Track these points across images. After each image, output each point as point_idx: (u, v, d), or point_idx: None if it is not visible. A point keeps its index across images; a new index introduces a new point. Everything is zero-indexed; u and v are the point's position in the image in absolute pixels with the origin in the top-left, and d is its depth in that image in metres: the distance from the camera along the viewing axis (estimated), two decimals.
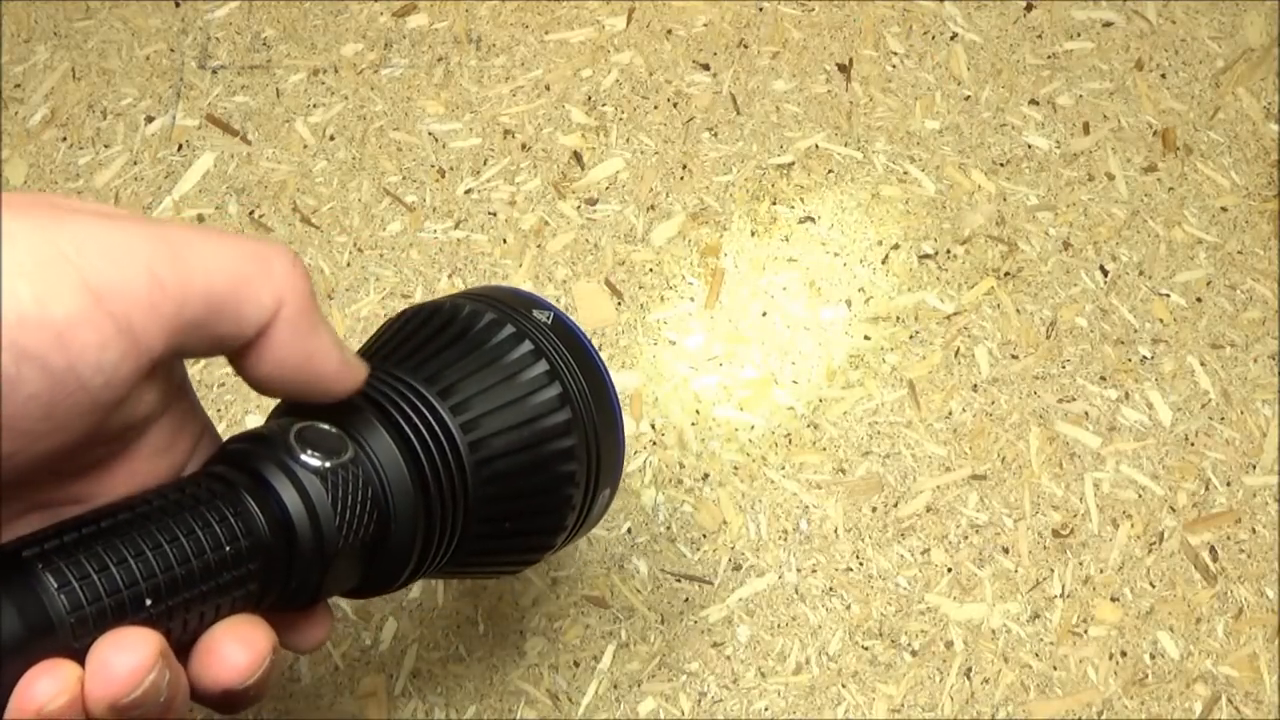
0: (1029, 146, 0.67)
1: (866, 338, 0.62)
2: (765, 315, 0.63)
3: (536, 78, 0.69)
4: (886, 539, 0.58)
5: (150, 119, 0.68)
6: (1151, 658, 0.56)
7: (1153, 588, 0.57)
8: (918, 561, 0.57)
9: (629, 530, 0.58)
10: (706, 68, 0.70)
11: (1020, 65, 0.70)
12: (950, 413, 0.60)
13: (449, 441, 0.36)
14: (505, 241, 0.65)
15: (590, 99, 0.69)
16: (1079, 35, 0.71)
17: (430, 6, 0.71)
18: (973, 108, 0.69)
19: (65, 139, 0.68)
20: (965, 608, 0.56)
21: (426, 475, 0.35)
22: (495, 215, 0.65)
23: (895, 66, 0.70)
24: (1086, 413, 0.60)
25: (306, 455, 0.32)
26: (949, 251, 0.64)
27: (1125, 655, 0.56)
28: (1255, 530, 0.58)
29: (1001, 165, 0.67)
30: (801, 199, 0.66)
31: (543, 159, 0.67)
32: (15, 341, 0.25)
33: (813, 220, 0.65)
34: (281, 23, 0.71)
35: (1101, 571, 0.57)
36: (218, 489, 0.31)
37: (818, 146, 0.67)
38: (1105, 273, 0.64)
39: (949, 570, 0.57)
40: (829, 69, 0.69)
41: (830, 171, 0.67)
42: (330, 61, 0.70)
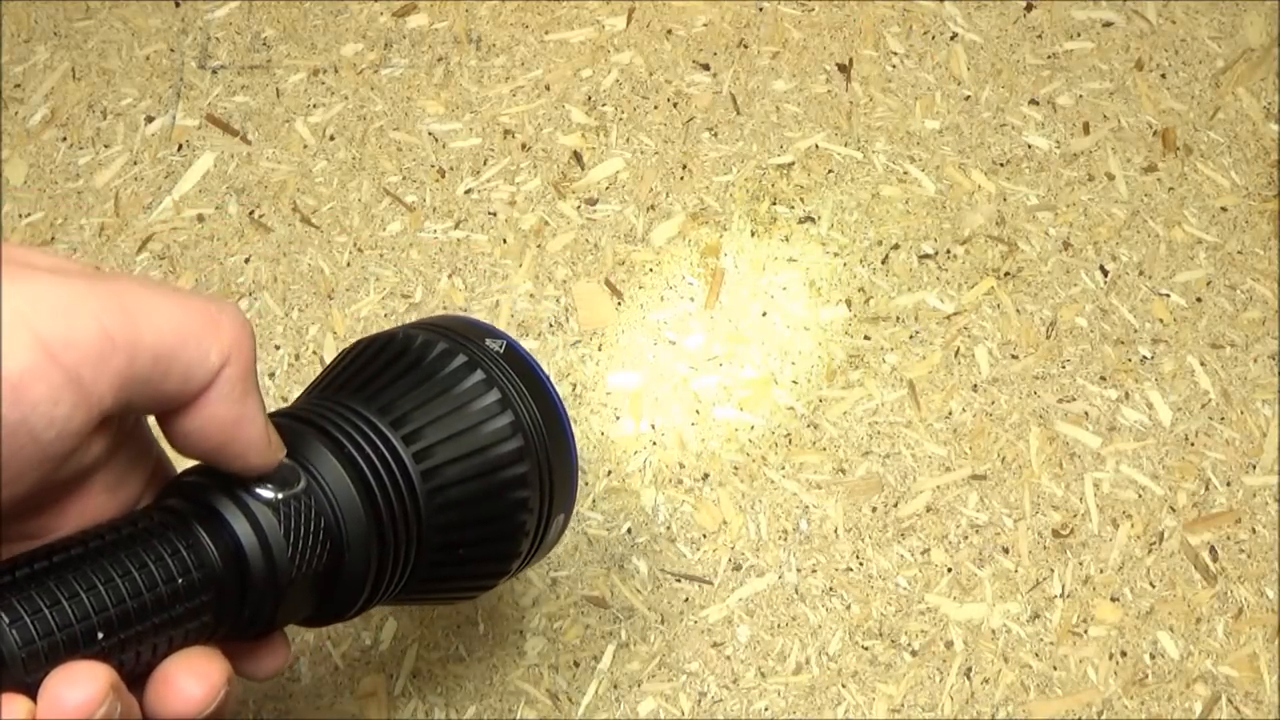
0: (1029, 146, 0.67)
1: (866, 338, 0.62)
2: (765, 315, 0.63)
3: (536, 78, 0.69)
4: (886, 539, 0.58)
5: (150, 119, 0.68)
6: (1151, 658, 0.56)
7: (1153, 588, 0.57)
8: (918, 561, 0.57)
9: (629, 530, 0.58)
10: (706, 68, 0.70)
11: (1020, 65, 0.70)
12: (950, 413, 0.60)
13: (401, 471, 0.36)
14: (505, 241, 0.65)
15: (590, 99, 0.69)
16: (1079, 35, 0.71)
17: (430, 6, 0.71)
18: (973, 108, 0.69)
19: (65, 139, 0.68)
20: (965, 608, 0.56)
21: (379, 504, 0.35)
22: (495, 215, 0.65)
23: (895, 66, 0.70)
24: (1086, 413, 0.60)
25: (258, 487, 0.32)
26: (949, 251, 0.64)
27: (1125, 655, 0.56)
28: (1255, 530, 0.58)
29: (1001, 165, 0.67)
30: (801, 199, 0.66)
31: (543, 159, 0.67)
32: None
33: (813, 220, 0.65)
34: (281, 23, 0.71)
35: (1101, 571, 0.57)
36: (170, 521, 0.31)
37: (818, 146, 0.67)
38: (1105, 273, 0.64)
39: (949, 570, 0.57)
40: (829, 69, 0.69)
41: (830, 171, 0.67)
42: (330, 61, 0.70)
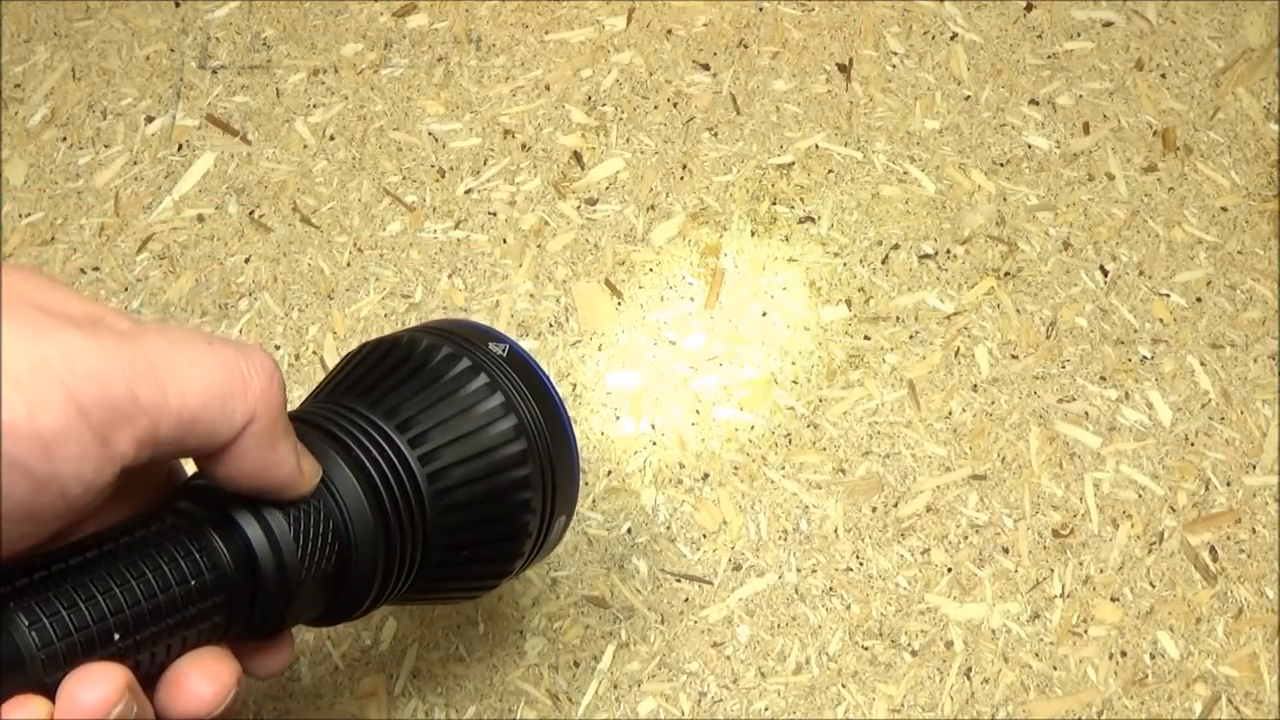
0: (1029, 146, 0.67)
1: (866, 338, 0.62)
2: (765, 315, 0.63)
3: (536, 78, 0.69)
4: (886, 539, 0.58)
5: (150, 119, 0.68)
6: (1151, 658, 0.56)
7: (1153, 588, 0.57)
8: (918, 561, 0.57)
9: (629, 530, 0.58)
10: (706, 68, 0.70)
11: (1020, 65, 0.70)
12: (950, 413, 0.60)
13: (408, 473, 0.37)
14: (505, 241, 0.65)
15: (590, 99, 0.69)
16: (1079, 35, 0.71)
17: (430, 6, 0.71)
18: (973, 108, 0.69)
19: (65, 139, 0.68)
20: (965, 608, 0.56)
21: (386, 506, 0.36)
22: (495, 215, 0.65)
23: (895, 66, 0.70)
24: (1086, 413, 0.60)
25: None
26: (949, 251, 0.64)
27: (1125, 655, 0.56)
28: (1255, 530, 0.58)
29: (1001, 165, 0.67)
30: (801, 199, 0.66)
31: (543, 159, 0.67)
32: (6, 451, 0.26)
33: (813, 220, 0.65)
34: (281, 23, 0.71)
35: (1101, 571, 0.57)
36: (182, 524, 0.32)
37: (818, 146, 0.67)
38: (1105, 273, 0.64)
39: (949, 570, 0.57)
40: (829, 69, 0.69)
41: (830, 171, 0.67)
42: (330, 61, 0.70)
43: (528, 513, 0.40)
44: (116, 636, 0.29)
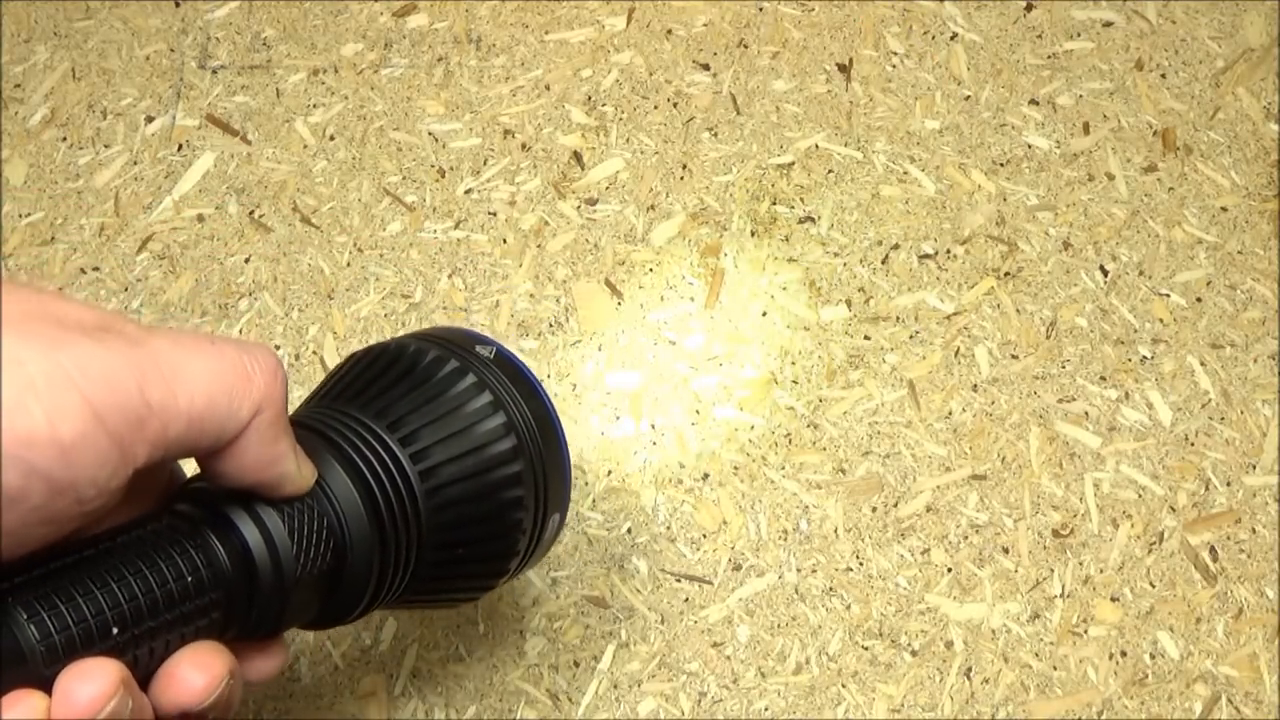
0: (1029, 146, 0.67)
1: (866, 338, 0.62)
2: (765, 315, 0.63)
3: (536, 78, 0.69)
4: (886, 539, 0.58)
5: (150, 119, 0.68)
6: (1151, 658, 0.56)
7: (1153, 588, 0.57)
8: (918, 561, 0.57)
9: (629, 530, 0.58)
10: (706, 68, 0.70)
11: (1020, 65, 0.70)
12: (950, 413, 0.60)
13: (400, 472, 0.37)
14: (505, 241, 0.65)
15: (590, 99, 0.69)
16: (1079, 35, 0.71)
17: (430, 6, 0.71)
18: (973, 108, 0.69)
19: (65, 139, 0.68)
20: (965, 608, 0.56)
21: (380, 505, 0.36)
22: (495, 215, 0.65)
23: (895, 66, 0.70)
24: (1086, 413, 0.60)
25: None
26: (949, 251, 0.64)
27: (1125, 655, 0.56)
28: (1255, 530, 0.58)
29: (1001, 165, 0.67)
30: (801, 199, 0.66)
31: (543, 159, 0.67)
32: (28, 460, 0.27)
33: (813, 220, 0.65)
34: (281, 23, 0.71)
35: (1101, 571, 0.57)
36: (178, 524, 0.32)
37: (818, 146, 0.67)
38: (1105, 273, 0.64)
39: (949, 570, 0.57)
40: (829, 69, 0.69)
41: (830, 171, 0.67)
42: (330, 61, 0.70)
43: (520, 509, 0.41)
44: (115, 631, 0.29)
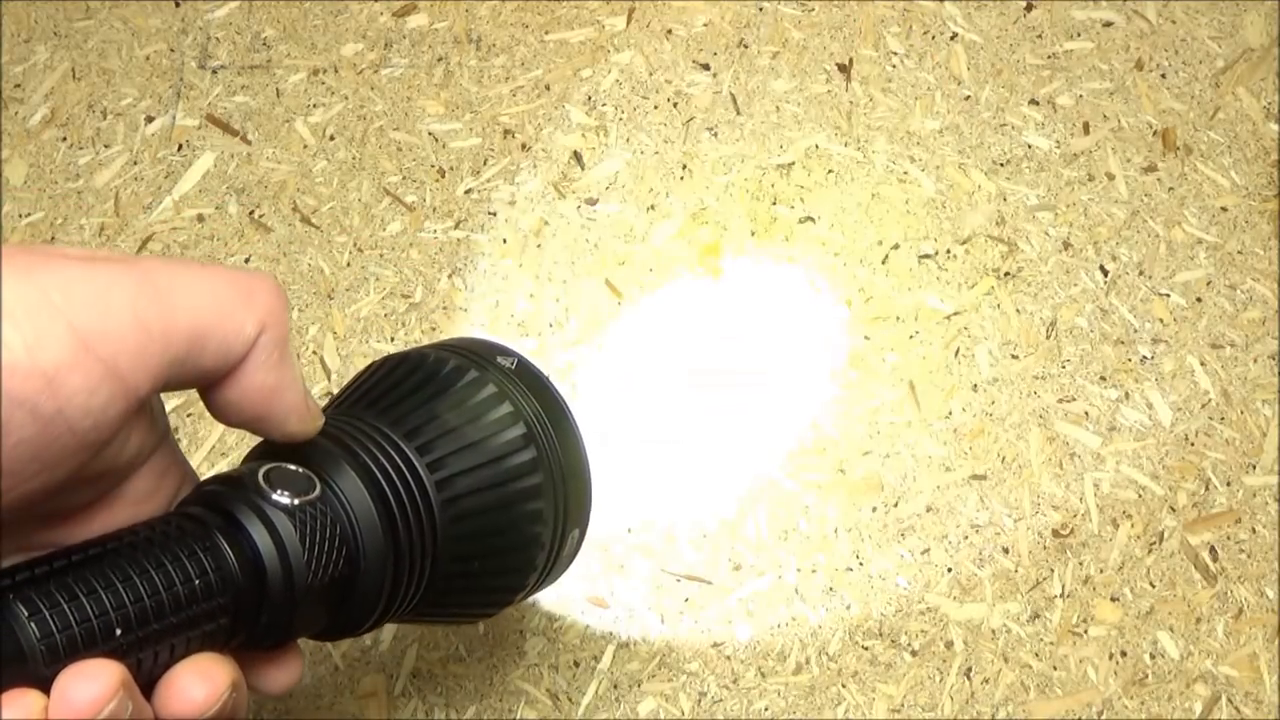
0: (1029, 146, 0.67)
1: (866, 338, 0.62)
2: (766, 315, 0.63)
3: (536, 78, 0.69)
4: (886, 539, 0.58)
5: (150, 119, 0.68)
6: (1151, 658, 0.56)
7: (1153, 588, 0.57)
8: (918, 561, 0.57)
9: (629, 530, 0.58)
10: (706, 68, 0.70)
11: (1020, 65, 0.70)
12: (950, 413, 0.60)
13: (415, 480, 0.37)
14: (505, 241, 0.65)
15: (590, 99, 0.69)
16: (1079, 35, 0.71)
17: (430, 6, 0.71)
18: (973, 108, 0.69)
19: (65, 139, 0.68)
20: (965, 608, 0.56)
21: (394, 514, 0.35)
22: (495, 215, 0.65)
23: (895, 66, 0.70)
24: (1086, 413, 0.60)
25: (275, 494, 0.33)
26: (949, 251, 0.64)
27: (1125, 655, 0.56)
28: (1255, 530, 0.58)
29: (1001, 165, 0.67)
30: (801, 199, 0.66)
31: (543, 159, 0.67)
32: (7, 388, 0.26)
33: (813, 220, 0.65)
34: (281, 23, 0.71)
35: (1101, 571, 0.57)
36: (187, 526, 0.32)
37: (818, 146, 0.67)
38: (1105, 273, 0.64)
39: (949, 570, 0.57)
40: (829, 69, 0.69)
41: (830, 171, 0.67)
42: (330, 61, 0.70)
43: (539, 523, 0.40)
44: (118, 631, 0.28)
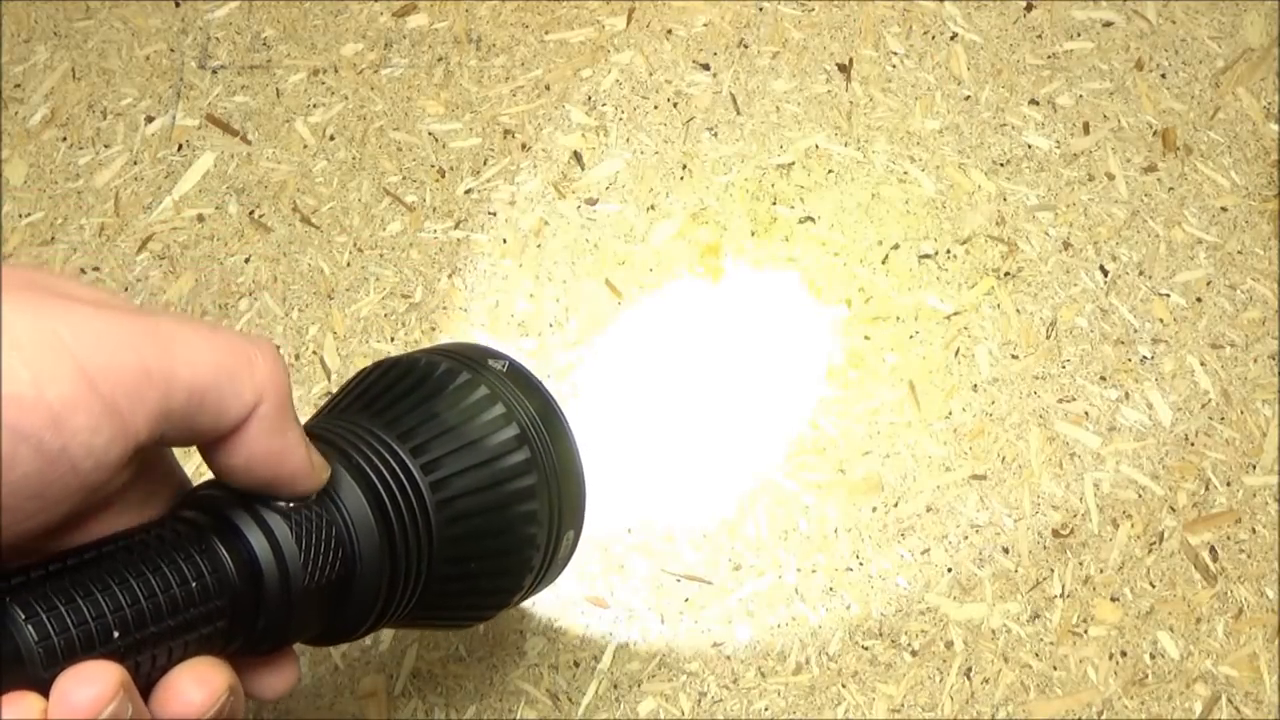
0: (1029, 146, 0.67)
1: (866, 338, 0.62)
2: (765, 315, 0.63)
3: (536, 78, 0.69)
4: (886, 539, 0.58)
5: (150, 119, 0.68)
6: (1151, 658, 0.56)
7: (1153, 588, 0.57)
8: (918, 561, 0.57)
9: (629, 530, 0.58)
10: (706, 68, 0.70)
11: (1020, 65, 0.70)
12: (950, 413, 0.60)
13: (411, 484, 0.37)
14: (505, 241, 0.65)
15: (590, 99, 0.69)
16: (1079, 35, 0.71)
17: (430, 6, 0.71)
18: (973, 108, 0.69)
19: (65, 139, 0.68)
20: (965, 608, 0.56)
21: (390, 516, 0.36)
22: (495, 215, 0.65)
23: (895, 66, 0.70)
24: (1086, 413, 0.60)
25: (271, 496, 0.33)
26: (949, 251, 0.64)
27: (1125, 655, 0.56)
28: (1255, 530, 0.58)
29: (1001, 165, 0.67)
30: (801, 199, 0.66)
31: (543, 159, 0.67)
32: (12, 422, 0.26)
33: (813, 220, 0.65)
34: (281, 23, 0.71)
35: (1101, 571, 0.57)
36: (183, 530, 0.32)
37: (818, 146, 0.67)
38: (1105, 273, 0.64)
39: (949, 570, 0.57)
40: (829, 69, 0.69)
41: (830, 171, 0.67)
42: (330, 61, 0.70)
43: (534, 524, 0.40)
44: (116, 634, 0.28)
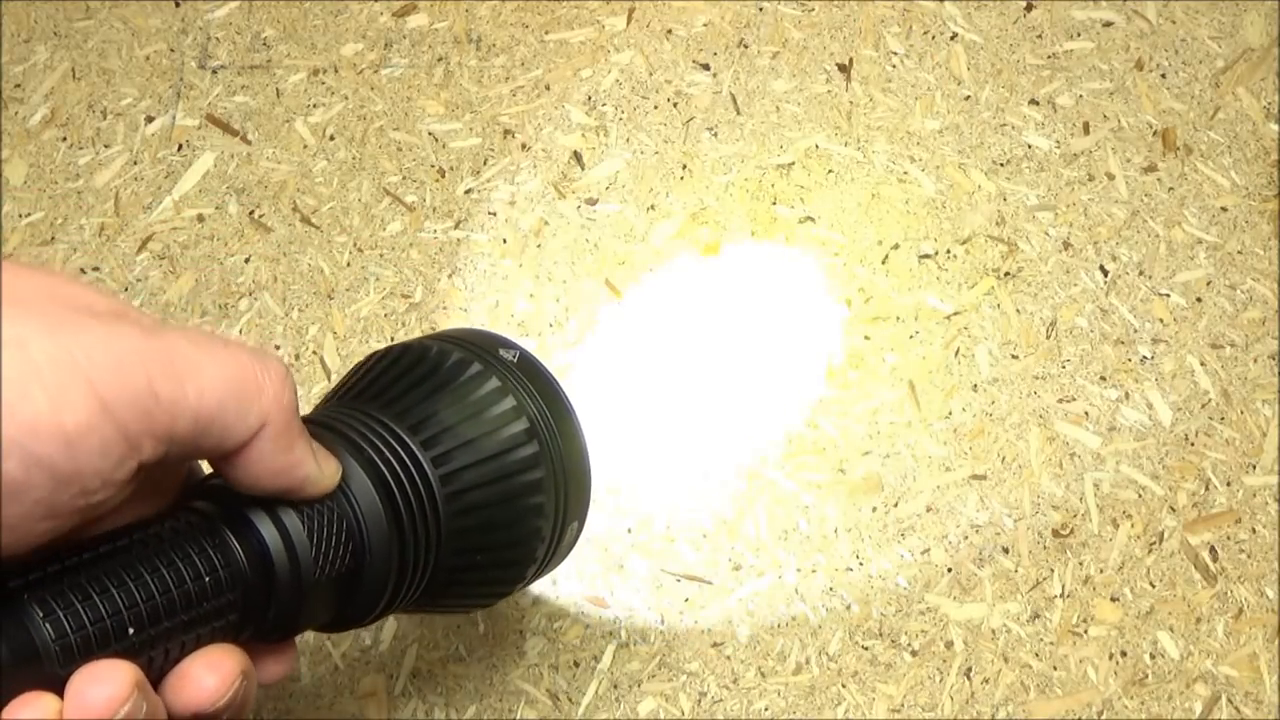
0: (1029, 146, 0.67)
1: (866, 338, 0.62)
2: (765, 315, 0.63)
3: (536, 78, 0.69)
4: (886, 539, 0.58)
5: (150, 119, 0.68)
6: (1151, 658, 0.56)
7: (1153, 588, 0.57)
8: (918, 561, 0.57)
9: (629, 530, 0.58)
10: (706, 68, 0.70)
11: (1020, 65, 0.70)
12: (950, 413, 0.60)
13: (421, 475, 0.37)
14: (505, 241, 0.65)
15: (590, 99, 0.69)
16: (1079, 35, 0.71)
17: (430, 6, 0.71)
18: (973, 108, 0.69)
19: (65, 139, 0.68)
20: (965, 608, 0.56)
21: (399, 507, 0.36)
22: (495, 215, 0.65)
23: (895, 66, 0.70)
24: (1086, 413, 0.60)
25: None
26: (949, 251, 0.64)
27: (1125, 655, 0.56)
28: (1255, 530, 0.58)
29: (1001, 165, 0.67)
30: (801, 199, 0.66)
31: (543, 159, 0.67)
32: (30, 448, 0.26)
33: (813, 220, 0.65)
34: (281, 23, 0.71)
35: (1101, 571, 0.57)
36: (196, 522, 0.32)
37: (818, 146, 0.67)
38: (1105, 273, 0.64)
39: (949, 570, 0.57)
40: (829, 69, 0.69)
41: (830, 171, 0.67)
42: (330, 61, 0.70)
43: (540, 516, 0.40)
44: (131, 630, 0.29)
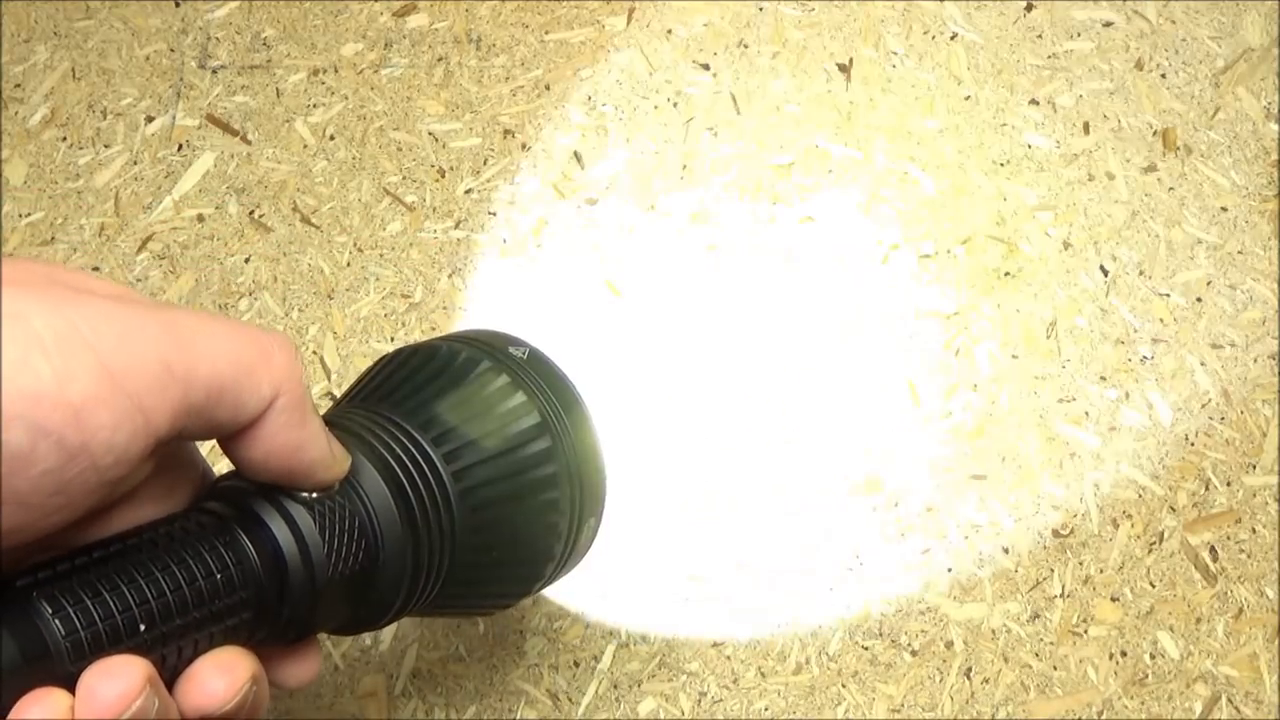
0: (1029, 146, 0.67)
1: (866, 338, 0.62)
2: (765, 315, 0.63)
3: (536, 78, 0.69)
4: (886, 539, 0.58)
5: (150, 119, 0.68)
6: (1151, 658, 0.56)
7: (1153, 588, 0.57)
8: (918, 561, 0.57)
9: (629, 530, 0.58)
10: (706, 68, 0.70)
11: (1020, 65, 0.70)
12: (950, 413, 0.60)
13: (433, 472, 0.37)
14: (505, 241, 0.65)
15: (590, 99, 0.69)
16: (1079, 35, 0.71)
17: (430, 6, 0.71)
18: (973, 108, 0.69)
19: (65, 139, 0.68)
20: (965, 608, 0.56)
21: (413, 506, 0.36)
22: (495, 215, 0.65)
23: (895, 66, 0.70)
24: (1086, 413, 0.60)
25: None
26: (949, 251, 0.64)
27: (1125, 655, 0.56)
28: (1255, 530, 0.58)
29: (1001, 165, 0.67)
30: (801, 199, 0.66)
31: (543, 159, 0.67)
32: (34, 418, 0.26)
33: (813, 220, 0.65)
34: (281, 23, 0.71)
35: (1101, 571, 0.57)
36: (207, 521, 0.32)
37: (818, 146, 0.67)
38: (1105, 273, 0.64)
39: (949, 570, 0.57)
40: (829, 69, 0.69)
41: (830, 171, 0.67)
42: (330, 61, 0.70)
43: (555, 512, 0.40)
44: (142, 627, 0.29)
